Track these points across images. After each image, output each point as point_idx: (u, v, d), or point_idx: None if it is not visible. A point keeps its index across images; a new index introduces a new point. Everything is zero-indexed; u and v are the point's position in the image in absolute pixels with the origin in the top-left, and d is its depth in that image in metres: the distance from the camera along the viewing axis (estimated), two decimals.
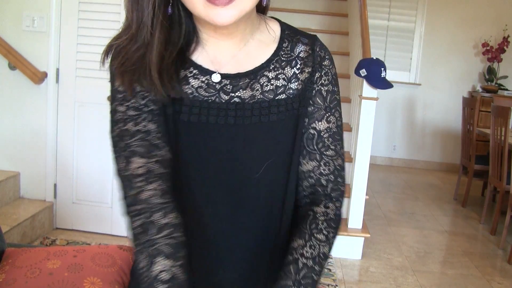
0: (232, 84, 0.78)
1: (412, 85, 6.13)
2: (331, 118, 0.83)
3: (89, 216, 3.20)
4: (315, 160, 0.82)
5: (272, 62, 0.80)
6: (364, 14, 3.56)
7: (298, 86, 0.81)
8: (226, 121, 0.77)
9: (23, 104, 3.09)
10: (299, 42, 0.82)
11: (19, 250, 1.58)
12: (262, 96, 0.79)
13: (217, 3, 0.67)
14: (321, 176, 0.83)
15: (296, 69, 0.81)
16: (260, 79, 0.79)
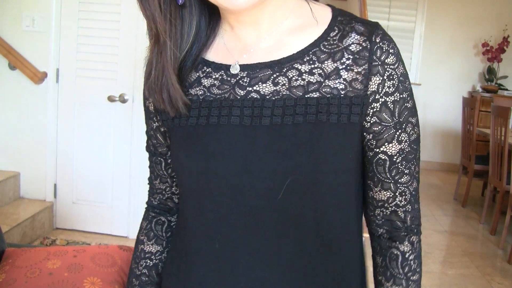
0: (249, 76, 0.65)
1: (412, 85, 6.12)
2: (403, 136, 0.65)
3: (89, 216, 3.20)
4: (389, 190, 0.68)
5: (309, 53, 0.64)
6: (364, 14, 3.56)
7: (340, 85, 0.63)
8: (241, 122, 0.63)
9: (23, 104, 3.09)
10: (353, 30, 0.64)
11: (19, 250, 1.58)
12: (288, 92, 0.63)
13: None
14: (398, 208, 0.69)
15: (339, 64, 0.63)
16: (287, 72, 0.64)
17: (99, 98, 3.06)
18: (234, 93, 0.65)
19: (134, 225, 3.18)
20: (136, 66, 3.01)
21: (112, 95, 3.03)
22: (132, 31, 2.98)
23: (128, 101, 3.05)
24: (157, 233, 0.79)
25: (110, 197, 3.17)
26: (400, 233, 0.70)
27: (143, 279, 0.78)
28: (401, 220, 0.70)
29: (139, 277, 0.78)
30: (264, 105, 0.63)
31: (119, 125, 3.08)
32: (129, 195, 3.15)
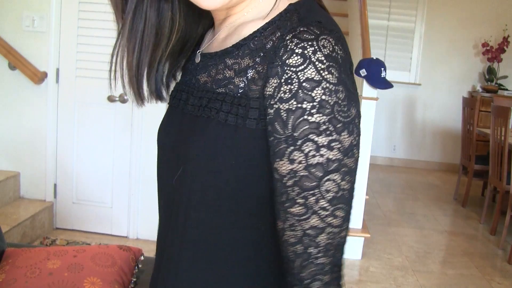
0: (203, 65, 0.67)
1: (412, 85, 6.13)
2: (296, 154, 0.53)
3: (89, 216, 3.20)
4: (280, 220, 0.56)
5: (241, 47, 0.61)
6: (364, 14, 3.56)
7: (241, 83, 0.58)
8: (179, 105, 0.68)
9: (23, 104, 3.09)
10: (286, 26, 0.58)
11: (19, 250, 1.58)
12: (211, 84, 0.63)
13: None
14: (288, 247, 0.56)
15: (252, 61, 0.59)
16: (219, 65, 0.63)
17: (99, 98, 3.06)
18: (189, 79, 0.69)
19: (134, 225, 3.18)
20: None
21: (112, 95, 3.03)
22: None
23: (128, 101, 3.05)
24: None
25: (110, 197, 3.17)
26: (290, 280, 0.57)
27: None
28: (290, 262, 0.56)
29: None
30: (194, 93, 0.65)
31: (119, 125, 3.08)
32: (129, 195, 3.15)
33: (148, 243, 3.12)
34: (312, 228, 0.54)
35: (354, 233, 3.18)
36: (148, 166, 3.12)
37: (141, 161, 3.11)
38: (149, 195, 3.15)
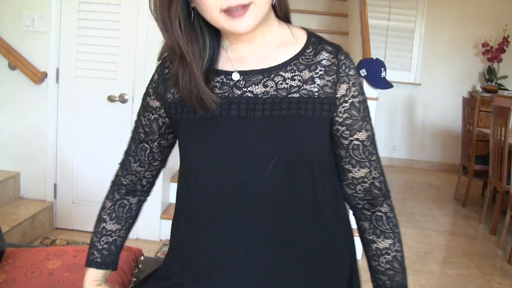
0: (245, 80, 0.84)
1: (412, 85, 6.13)
2: (368, 126, 0.89)
3: (89, 216, 3.19)
4: (366, 167, 0.89)
5: (291, 64, 0.85)
6: (364, 14, 3.56)
7: (314, 88, 0.84)
8: (238, 114, 0.82)
9: (23, 104, 3.09)
10: (324, 50, 0.86)
11: (19, 250, 1.58)
12: (275, 93, 0.83)
13: (235, 15, 0.77)
14: (375, 180, 0.90)
15: (314, 73, 0.84)
16: (274, 78, 0.84)
17: (99, 98, 3.06)
18: (232, 93, 0.84)
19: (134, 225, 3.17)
20: (136, 66, 3.01)
21: (112, 95, 3.03)
22: (132, 31, 2.98)
23: (128, 101, 3.05)
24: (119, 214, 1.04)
25: None
26: (379, 199, 0.92)
27: (104, 253, 1.01)
28: (378, 188, 0.91)
29: (100, 251, 1.01)
30: (257, 102, 0.82)
31: (119, 125, 3.08)
32: None
33: (148, 243, 3.13)
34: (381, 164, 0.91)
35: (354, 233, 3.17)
36: None
37: None
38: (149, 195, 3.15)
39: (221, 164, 0.82)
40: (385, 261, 0.91)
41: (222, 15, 0.78)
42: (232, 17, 0.77)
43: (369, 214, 0.94)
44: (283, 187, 0.81)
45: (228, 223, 0.82)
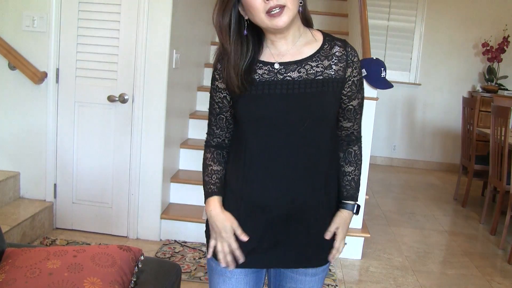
0: (285, 68, 1.21)
1: (412, 85, 6.13)
2: (359, 96, 1.29)
3: (89, 216, 3.20)
4: (351, 121, 1.31)
5: (315, 56, 1.22)
6: (364, 14, 3.56)
7: (332, 72, 1.22)
8: (281, 92, 1.20)
9: (23, 104, 3.09)
10: (336, 45, 1.24)
11: (19, 250, 1.58)
12: (306, 76, 1.20)
13: (275, 15, 1.12)
14: (354, 130, 1.34)
15: (332, 62, 1.22)
16: (305, 66, 1.21)
17: (99, 98, 3.06)
18: (276, 77, 1.21)
19: (134, 225, 3.18)
20: (136, 66, 3.01)
21: (112, 95, 3.03)
22: (132, 31, 2.98)
23: (128, 101, 3.05)
24: (219, 159, 1.34)
25: (110, 197, 3.17)
26: (353, 141, 1.35)
27: (218, 185, 1.31)
28: (355, 135, 1.35)
29: (214, 184, 1.31)
30: (294, 83, 1.20)
31: (119, 125, 3.08)
32: (129, 195, 3.15)
33: (148, 243, 3.13)
34: (360, 121, 1.35)
35: (354, 233, 3.18)
36: (148, 166, 3.12)
37: (141, 161, 3.11)
38: (149, 195, 3.15)
39: (270, 126, 1.21)
40: (347, 179, 1.35)
41: (266, 16, 1.12)
42: (273, 17, 1.12)
43: (344, 148, 1.35)
44: (312, 138, 1.22)
45: (274, 163, 1.22)
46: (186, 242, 3.19)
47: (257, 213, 1.23)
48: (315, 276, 1.33)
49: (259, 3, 1.11)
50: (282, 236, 1.25)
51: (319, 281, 1.35)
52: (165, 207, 3.29)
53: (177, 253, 3.01)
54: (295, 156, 1.22)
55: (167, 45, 3.01)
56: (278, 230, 1.24)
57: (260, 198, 1.23)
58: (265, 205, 1.23)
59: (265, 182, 1.23)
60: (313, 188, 1.24)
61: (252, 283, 1.32)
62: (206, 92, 3.99)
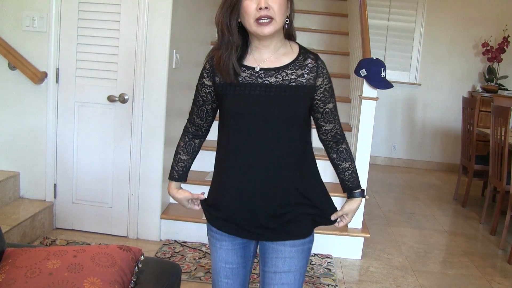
0: (265, 73, 1.41)
1: (412, 85, 6.13)
2: (333, 99, 1.49)
3: (89, 216, 3.20)
4: (332, 122, 1.50)
5: (290, 66, 1.43)
6: (364, 14, 3.56)
7: (304, 80, 1.42)
8: (260, 93, 1.40)
9: (23, 104, 3.09)
10: (309, 57, 1.45)
11: (19, 250, 1.58)
12: (282, 81, 1.41)
13: (263, 24, 1.34)
14: (337, 130, 1.52)
15: (304, 72, 1.43)
16: (281, 73, 1.41)
17: (99, 98, 3.06)
18: (256, 81, 1.41)
19: (134, 225, 3.18)
20: (136, 66, 3.01)
21: (112, 95, 3.03)
22: (132, 31, 2.98)
23: (128, 101, 3.05)
24: (189, 149, 1.60)
25: (110, 197, 3.17)
26: (340, 140, 1.54)
27: (180, 172, 1.60)
28: (339, 134, 1.54)
29: (177, 171, 1.60)
30: (271, 87, 1.40)
31: (119, 125, 3.08)
32: (129, 195, 3.15)
33: (148, 243, 3.13)
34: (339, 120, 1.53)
35: (354, 233, 3.18)
36: (148, 166, 3.12)
37: (141, 161, 3.11)
38: (149, 195, 3.15)
39: (250, 122, 1.40)
40: (347, 174, 1.56)
41: (255, 22, 1.34)
42: (261, 25, 1.35)
43: (335, 149, 1.55)
44: (283, 132, 1.42)
45: (252, 154, 1.42)
46: (186, 242, 3.19)
47: (238, 193, 1.45)
48: (294, 247, 1.49)
49: (252, 10, 1.34)
50: (257, 213, 1.45)
51: (299, 253, 1.50)
52: (165, 207, 3.29)
53: (177, 253, 3.01)
54: (270, 148, 1.42)
55: (167, 45, 3.01)
56: (254, 209, 1.45)
57: (240, 181, 1.44)
58: (243, 187, 1.44)
59: (244, 169, 1.44)
60: (285, 175, 1.45)
61: (240, 253, 1.55)
62: None
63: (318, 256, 3.14)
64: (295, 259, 1.49)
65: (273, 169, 1.43)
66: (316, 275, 2.85)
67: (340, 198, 3.34)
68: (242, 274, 1.59)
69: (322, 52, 4.50)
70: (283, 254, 1.49)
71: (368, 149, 3.14)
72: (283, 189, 1.45)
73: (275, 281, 1.50)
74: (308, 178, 1.51)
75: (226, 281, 1.57)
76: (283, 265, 1.49)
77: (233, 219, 1.48)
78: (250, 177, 1.43)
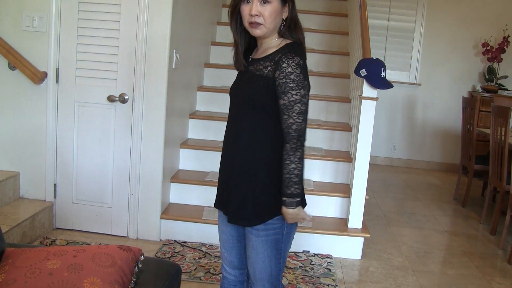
0: (252, 63, 1.61)
1: (412, 85, 6.13)
2: (285, 97, 1.51)
3: (89, 216, 3.20)
4: (285, 118, 1.52)
5: (265, 58, 1.57)
6: (364, 14, 3.56)
7: (265, 71, 1.54)
8: (242, 80, 1.64)
9: (23, 104, 3.09)
10: (280, 53, 1.54)
11: (19, 250, 1.58)
12: (254, 70, 1.58)
13: (254, 27, 1.54)
14: (287, 128, 1.53)
15: (270, 64, 1.54)
16: (256, 63, 1.59)
17: (99, 98, 3.06)
18: (247, 69, 1.63)
19: (134, 225, 3.18)
20: (136, 66, 3.01)
21: (112, 95, 3.03)
22: (132, 31, 2.98)
23: (128, 101, 3.05)
24: None
25: (110, 197, 3.17)
26: (287, 138, 1.54)
27: None
28: (289, 133, 1.53)
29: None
30: (247, 74, 1.61)
31: (119, 125, 3.08)
32: (129, 195, 3.15)
33: (148, 243, 3.13)
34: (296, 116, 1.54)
35: (354, 233, 3.18)
36: (148, 166, 3.12)
37: (141, 161, 3.11)
38: (149, 195, 3.15)
39: (231, 104, 1.66)
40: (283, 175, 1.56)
41: (248, 24, 1.54)
42: (252, 27, 1.54)
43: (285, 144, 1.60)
44: (248, 120, 1.58)
45: (227, 138, 1.66)
46: (186, 242, 3.19)
47: (220, 171, 1.70)
48: (258, 237, 1.61)
49: (246, 14, 1.53)
50: (226, 192, 1.65)
51: (265, 244, 1.61)
52: (165, 207, 3.29)
53: (177, 253, 3.01)
54: (234, 130, 1.61)
55: (167, 45, 3.01)
56: (225, 189, 1.65)
57: (222, 161, 1.68)
58: (220, 168, 1.68)
59: (225, 149, 1.67)
60: (234, 157, 1.60)
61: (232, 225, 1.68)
62: (206, 92, 3.99)
63: (318, 256, 3.14)
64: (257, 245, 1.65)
65: (238, 156, 1.60)
66: (316, 275, 2.85)
67: (340, 198, 3.36)
68: (237, 247, 1.73)
69: (322, 52, 4.50)
70: (250, 243, 1.64)
71: (368, 149, 3.14)
72: (242, 176, 1.59)
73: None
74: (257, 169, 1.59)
75: (225, 250, 1.75)
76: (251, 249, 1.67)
77: (219, 195, 1.70)
78: (225, 157, 1.66)
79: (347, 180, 3.55)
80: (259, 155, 1.58)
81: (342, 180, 3.56)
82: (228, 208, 1.64)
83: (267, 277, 1.65)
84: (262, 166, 1.58)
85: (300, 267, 2.95)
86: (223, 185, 1.67)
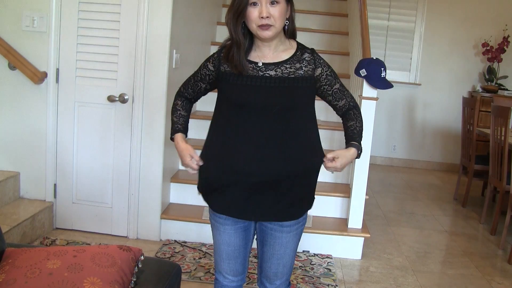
0: (265, 67, 1.59)
1: (412, 85, 6.13)
2: (338, 80, 1.67)
3: (89, 216, 3.20)
4: (343, 98, 1.69)
5: (289, 61, 1.60)
6: (364, 14, 3.56)
7: (302, 72, 1.60)
8: (261, 84, 1.57)
9: (23, 104, 3.09)
10: (306, 52, 1.63)
11: (19, 250, 1.58)
12: (281, 74, 1.58)
13: (263, 29, 1.52)
14: (349, 102, 1.70)
15: (302, 65, 1.61)
16: (281, 67, 1.59)
17: (99, 98, 3.06)
18: (257, 73, 1.58)
19: (134, 225, 3.18)
20: (136, 66, 3.01)
21: (112, 95, 3.03)
22: (132, 31, 2.98)
23: (128, 101, 3.05)
24: (187, 107, 1.78)
25: (110, 197, 3.17)
26: (352, 108, 1.71)
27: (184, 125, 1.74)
28: (351, 105, 1.71)
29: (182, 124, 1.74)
30: (272, 79, 1.57)
31: (119, 125, 3.08)
32: (129, 195, 3.15)
33: (148, 243, 3.13)
34: (349, 93, 1.73)
35: (354, 233, 3.18)
36: (148, 166, 3.12)
37: (141, 161, 3.11)
38: (149, 195, 3.15)
39: (251, 109, 1.55)
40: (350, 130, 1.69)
41: (257, 27, 1.52)
42: (262, 30, 1.52)
43: (346, 115, 1.71)
44: (282, 121, 1.56)
45: (252, 140, 1.56)
46: (186, 242, 3.19)
47: (238, 176, 1.58)
48: (290, 232, 1.68)
49: (255, 17, 1.51)
50: (258, 196, 1.59)
51: (294, 237, 1.70)
52: (165, 207, 3.29)
53: (177, 253, 3.01)
54: (268, 135, 1.56)
55: (167, 45, 3.01)
56: (255, 192, 1.58)
57: (241, 166, 1.57)
58: (243, 172, 1.57)
59: (245, 154, 1.56)
60: (283, 160, 1.57)
61: (241, 236, 1.70)
62: None
63: (318, 256, 3.14)
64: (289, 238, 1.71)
65: (273, 157, 1.56)
66: (316, 275, 2.85)
67: (340, 198, 3.36)
68: (242, 255, 1.75)
69: (322, 52, 4.49)
70: (280, 240, 1.68)
71: (368, 149, 3.14)
72: (283, 175, 1.58)
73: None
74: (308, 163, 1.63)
75: (228, 261, 1.73)
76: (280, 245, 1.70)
77: (237, 202, 1.61)
78: (251, 163, 1.56)
79: (347, 180, 3.55)
80: (312, 156, 1.63)
81: (342, 180, 3.56)
82: (274, 209, 1.62)
83: (289, 270, 1.75)
84: (316, 168, 1.67)
85: (300, 267, 2.95)
86: (245, 194, 1.60)
